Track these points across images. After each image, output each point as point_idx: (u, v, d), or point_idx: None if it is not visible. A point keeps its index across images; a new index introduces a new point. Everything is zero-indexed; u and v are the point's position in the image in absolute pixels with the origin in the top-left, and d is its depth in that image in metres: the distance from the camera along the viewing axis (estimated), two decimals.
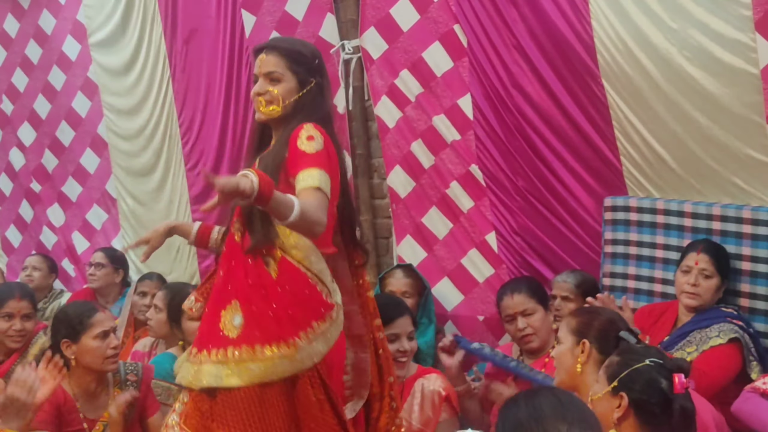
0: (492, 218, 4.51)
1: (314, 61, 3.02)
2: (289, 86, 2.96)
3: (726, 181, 3.67)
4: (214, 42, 5.54)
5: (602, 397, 2.50)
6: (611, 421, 2.46)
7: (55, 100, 6.75)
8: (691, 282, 3.57)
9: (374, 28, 4.80)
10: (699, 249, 3.60)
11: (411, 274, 4.49)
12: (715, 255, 3.57)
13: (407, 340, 3.60)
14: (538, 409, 2.06)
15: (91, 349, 3.55)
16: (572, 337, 2.90)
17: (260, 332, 2.75)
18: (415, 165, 4.79)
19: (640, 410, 2.44)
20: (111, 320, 3.69)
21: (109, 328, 3.60)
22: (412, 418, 3.54)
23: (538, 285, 3.89)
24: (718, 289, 3.58)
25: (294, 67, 2.97)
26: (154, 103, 6.00)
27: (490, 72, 4.35)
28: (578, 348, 2.85)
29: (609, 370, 2.53)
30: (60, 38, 6.60)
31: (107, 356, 3.56)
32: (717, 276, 3.55)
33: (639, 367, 2.47)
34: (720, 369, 3.36)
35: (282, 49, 2.99)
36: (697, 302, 3.58)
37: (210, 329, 2.84)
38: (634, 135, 3.89)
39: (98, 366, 3.56)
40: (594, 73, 3.93)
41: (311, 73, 3.00)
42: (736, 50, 3.45)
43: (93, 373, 3.58)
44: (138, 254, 6.21)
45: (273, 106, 2.96)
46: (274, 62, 2.97)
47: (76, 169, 6.71)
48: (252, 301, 2.78)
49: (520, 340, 3.74)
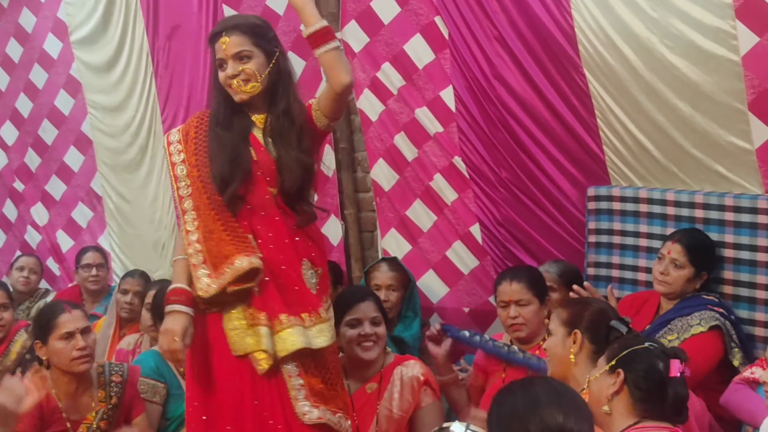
0: (476, 210, 4.51)
1: (271, 32, 3.14)
2: (260, 61, 3.06)
3: (708, 169, 3.66)
4: (196, 38, 5.52)
5: (599, 377, 2.53)
6: (605, 397, 2.49)
7: (37, 98, 6.72)
8: (661, 270, 3.60)
9: (355, 21, 4.79)
10: (674, 239, 3.61)
11: (396, 267, 4.49)
12: (690, 246, 3.56)
13: (370, 325, 3.59)
14: (534, 397, 2.07)
15: (57, 351, 3.51)
16: (564, 328, 2.90)
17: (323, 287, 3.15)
18: (398, 158, 4.78)
19: (635, 388, 2.46)
20: (79, 320, 3.57)
21: (75, 329, 3.51)
22: (393, 406, 3.53)
23: (539, 278, 3.85)
24: (690, 280, 3.57)
25: (259, 42, 3.07)
26: (139, 99, 5.99)
27: (471, 64, 4.34)
28: (570, 339, 2.85)
29: (608, 354, 2.57)
30: (41, 36, 6.58)
31: (73, 357, 3.50)
32: (689, 267, 3.55)
33: (638, 348, 2.51)
34: (702, 357, 3.34)
35: (243, 26, 3.07)
36: (666, 289, 3.60)
37: (295, 293, 3.03)
38: (616, 124, 3.88)
39: (66, 367, 3.52)
40: (576, 63, 3.93)
41: (273, 43, 3.12)
42: (716, 38, 3.44)
43: (68, 374, 3.54)
44: (126, 252, 6.28)
45: (252, 83, 3.05)
46: (240, 41, 3.04)
47: (60, 167, 6.69)
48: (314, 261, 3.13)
49: (509, 328, 3.74)
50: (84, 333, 3.54)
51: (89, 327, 3.61)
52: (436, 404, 3.61)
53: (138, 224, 6.25)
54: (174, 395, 3.95)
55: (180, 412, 3.92)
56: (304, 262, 3.08)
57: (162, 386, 3.94)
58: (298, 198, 3.10)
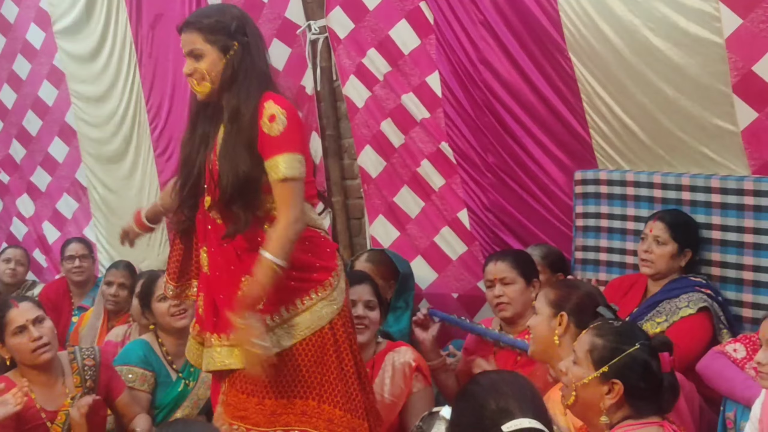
0: (463, 195, 4.51)
1: (232, 24, 2.97)
2: (211, 58, 2.94)
3: (694, 151, 3.67)
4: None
5: (589, 383, 2.44)
6: (601, 408, 2.41)
7: (21, 89, 6.70)
8: (644, 248, 3.62)
9: (340, 7, 4.78)
10: (655, 217, 3.64)
11: (377, 258, 4.44)
12: (671, 223, 3.58)
13: (364, 308, 3.60)
14: (495, 385, 2.12)
15: (14, 347, 3.50)
16: (550, 308, 2.91)
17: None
18: (385, 144, 4.77)
19: (631, 394, 2.40)
20: (28, 312, 3.51)
21: (25, 322, 3.48)
22: (384, 392, 3.55)
23: (527, 259, 3.86)
24: (675, 257, 3.59)
25: (211, 38, 2.94)
26: (122, 89, 5.98)
27: (457, 48, 4.33)
28: (555, 320, 2.86)
29: (594, 354, 2.46)
30: (23, 26, 6.55)
31: (31, 349, 3.48)
32: (672, 243, 3.57)
33: (630, 352, 2.42)
34: (692, 340, 3.37)
35: (196, 23, 2.97)
36: (651, 269, 3.61)
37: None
38: (602, 108, 3.88)
39: (29, 361, 3.50)
40: (561, 47, 3.92)
41: (232, 36, 2.96)
42: (700, 20, 3.44)
43: (35, 366, 3.52)
44: (111, 243, 6.26)
45: (204, 83, 2.96)
46: (192, 39, 2.96)
47: (45, 158, 6.67)
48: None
49: (495, 307, 3.76)
50: (36, 323, 3.51)
51: (41, 316, 3.56)
52: (428, 390, 3.62)
53: (123, 215, 6.19)
54: (162, 383, 3.96)
55: (169, 400, 3.93)
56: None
57: (150, 375, 3.94)
58: (231, 207, 2.95)
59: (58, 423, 3.51)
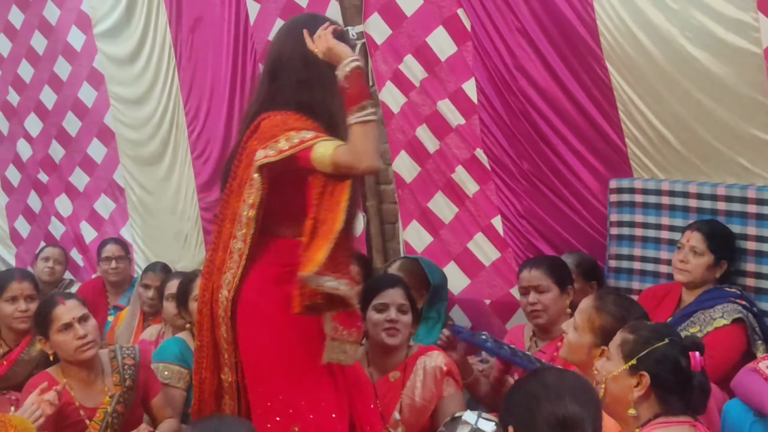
0: (497, 202, 4.52)
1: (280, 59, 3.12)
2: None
3: (730, 161, 3.66)
4: (219, 30, 5.55)
5: (619, 375, 2.48)
6: (629, 400, 2.45)
7: (61, 90, 6.76)
8: (680, 258, 3.61)
9: (378, 13, 4.80)
10: (693, 228, 3.63)
11: (409, 267, 4.44)
12: (709, 233, 3.58)
13: (396, 311, 3.61)
14: (545, 386, 2.12)
15: (59, 343, 3.56)
16: (593, 336, 2.87)
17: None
18: (420, 150, 4.79)
19: (659, 388, 2.43)
20: (74, 309, 3.58)
21: (71, 319, 3.54)
22: (415, 395, 3.57)
23: (561, 266, 3.87)
24: (711, 268, 3.58)
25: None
26: (161, 92, 6.02)
27: (494, 56, 4.35)
28: (597, 351, 2.75)
29: (625, 348, 2.50)
30: (65, 29, 6.61)
31: (76, 347, 3.53)
32: (708, 254, 3.56)
33: (659, 346, 2.46)
34: (726, 351, 3.36)
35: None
36: (686, 278, 3.60)
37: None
38: (638, 117, 3.88)
39: (71, 358, 3.56)
40: (597, 55, 3.93)
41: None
42: (738, 30, 3.44)
43: (77, 363, 3.58)
44: (148, 244, 6.33)
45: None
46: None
47: (83, 159, 6.73)
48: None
49: (529, 314, 3.78)
50: (82, 321, 3.57)
51: (86, 314, 3.62)
52: (458, 394, 3.64)
53: (160, 216, 6.29)
54: None
55: None
56: None
57: (186, 372, 3.97)
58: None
59: (96, 420, 3.56)
